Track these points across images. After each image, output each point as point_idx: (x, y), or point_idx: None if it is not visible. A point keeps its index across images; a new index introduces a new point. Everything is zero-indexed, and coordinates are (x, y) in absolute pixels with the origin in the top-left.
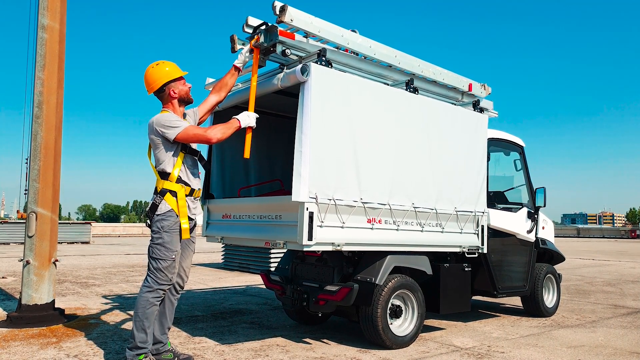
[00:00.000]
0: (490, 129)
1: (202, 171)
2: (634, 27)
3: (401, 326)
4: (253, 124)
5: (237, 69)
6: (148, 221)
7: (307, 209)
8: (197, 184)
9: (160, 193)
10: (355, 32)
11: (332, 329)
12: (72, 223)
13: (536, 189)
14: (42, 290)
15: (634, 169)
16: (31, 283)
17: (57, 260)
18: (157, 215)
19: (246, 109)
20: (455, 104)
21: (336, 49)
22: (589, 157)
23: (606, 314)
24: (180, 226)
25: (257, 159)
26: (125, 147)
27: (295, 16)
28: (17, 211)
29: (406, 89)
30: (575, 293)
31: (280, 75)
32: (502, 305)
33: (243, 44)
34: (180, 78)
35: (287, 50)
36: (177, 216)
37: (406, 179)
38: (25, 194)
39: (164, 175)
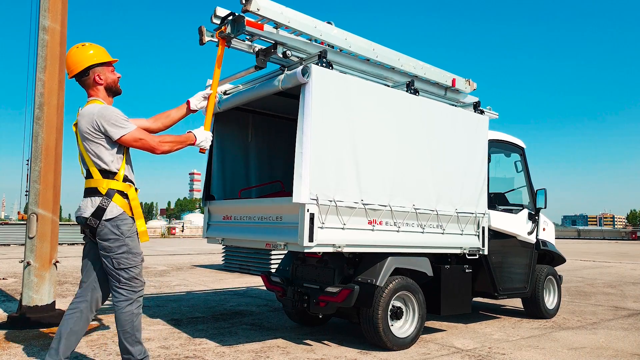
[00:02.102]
0: (491, 131)
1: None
2: (636, 28)
3: (402, 327)
4: (207, 146)
5: (189, 109)
6: (88, 229)
7: (307, 211)
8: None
9: (107, 194)
10: (331, 24)
11: (332, 330)
12: (72, 224)
13: (537, 190)
14: (43, 292)
15: (635, 171)
16: (32, 284)
17: (57, 262)
18: (108, 220)
19: (247, 111)
20: (455, 105)
21: (309, 42)
22: (589, 159)
23: (607, 316)
24: (137, 229)
25: (257, 160)
26: None
27: (263, 5)
28: (18, 212)
29: (407, 91)
30: (576, 295)
31: (281, 76)
32: (503, 307)
33: (212, 36)
34: (109, 64)
35: (288, 52)
36: (132, 218)
37: (407, 180)
38: (26, 195)
39: (108, 174)
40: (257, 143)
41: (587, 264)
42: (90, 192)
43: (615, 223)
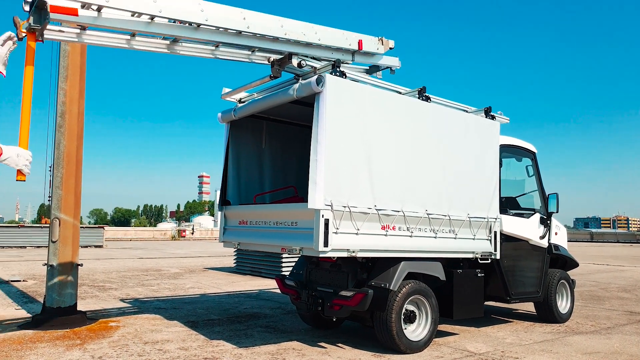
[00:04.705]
0: (502, 136)
1: None
2: None
3: (415, 331)
4: (23, 168)
5: None
6: None
7: (322, 216)
8: None
9: None
10: None
11: (346, 333)
12: (86, 227)
13: (549, 194)
14: (65, 294)
15: None
16: (55, 287)
17: (79, 265)
18: None
19: (262, 118)
20: (467, 111)
21: (151, 21)
22: (602, 160)
23: (621, 321)
24: None
25: (271, 165)
26: (136, 151)
27: None
28: (42, 217)
29: (418, 97)
30: (590, 299)
31: (296, 85)
32: (515, 311)
33: (30, 28)
34: None
35: (303, 62)
36: None
37: (419, 186)
38: (48, 200)
39: None
40: (271, 149)
41: (600, 268)
42: None
43: (630, 225)
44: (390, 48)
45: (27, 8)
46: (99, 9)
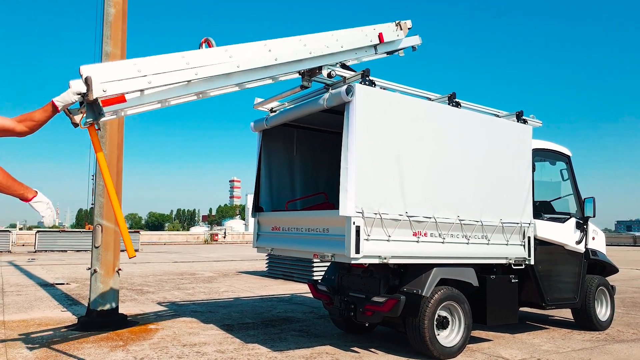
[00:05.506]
0: (535, 139)
1: None
2: None
3: (448, 337)
4: (46, 216)
5: (54, 108)
6: None
7: (354, 223)
8: None
9: None
10: (209, 42)
11: (379, 338)
12: None
13: (585, 198)
14: (108, 297)
15: None
16: (98, 290)
17: (120, 270)
18: None
19: (292, 126)
20: (498, 116)
21: (186, 84)
22: None
23: None
24: None
25: (302, 172)
26: (169, 156)
27: (111, 84)
28: (85, 223)
29: (448, 104)
30: (632, 306)
31: (326, 95)
32: (552, 318)
33: (82, 113)
34: None
35: (333, 72)
36: None
37: (451, 192)
38: (91, 207)
39: None
40: (302, 156)
41: None
42: None
43: None
44: (409, 28)
45: (76, 98)
46: (142, 90)
